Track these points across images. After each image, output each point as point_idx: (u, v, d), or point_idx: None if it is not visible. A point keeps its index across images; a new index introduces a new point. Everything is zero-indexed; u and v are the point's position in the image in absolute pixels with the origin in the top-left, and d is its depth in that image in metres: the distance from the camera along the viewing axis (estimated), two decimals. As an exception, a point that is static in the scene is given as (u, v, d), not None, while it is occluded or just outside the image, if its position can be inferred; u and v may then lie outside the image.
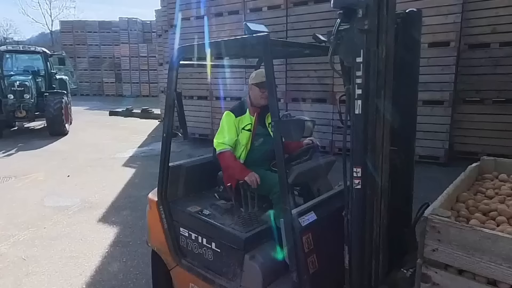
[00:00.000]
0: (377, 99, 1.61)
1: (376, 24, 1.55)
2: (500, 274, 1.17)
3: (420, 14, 2.04)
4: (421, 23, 2.09)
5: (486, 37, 5.83)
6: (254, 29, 1.83)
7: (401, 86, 1.84)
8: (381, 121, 1.62)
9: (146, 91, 23.39)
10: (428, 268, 1.32)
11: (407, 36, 1.94)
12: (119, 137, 9.23)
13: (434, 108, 5.87)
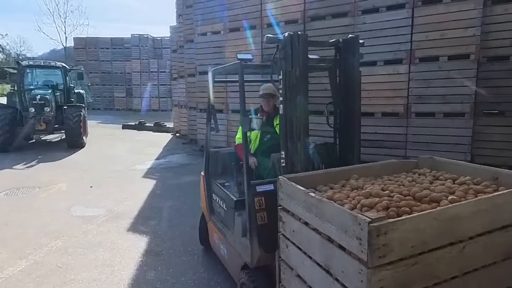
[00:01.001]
0: (292, 104, 2.37)
1: (290, 54, 2.36)
2: (327, 231, 1.55)
3: (357, 39, 2.73)
4: (358, 46, 2.75)
5: (505, 50, 5.88)
6: (240, 57, 2.65)
7: (345, 97, 2.67)
8: (296, 119, 2.38)
9: (156, 105, 23.70)
10: (282, 212, 1.91)
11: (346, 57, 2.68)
12: (135, 150, 9.32)
13: (455, 120, 5.88)
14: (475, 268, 1.56)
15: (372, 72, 6.49)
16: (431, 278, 1.46)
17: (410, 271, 1.40)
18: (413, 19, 6.06)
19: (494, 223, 1.57)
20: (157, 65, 23.39)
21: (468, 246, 1.52)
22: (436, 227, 1.44)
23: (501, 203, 1.58)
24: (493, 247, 1.60)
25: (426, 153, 6.07)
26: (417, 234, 1.40)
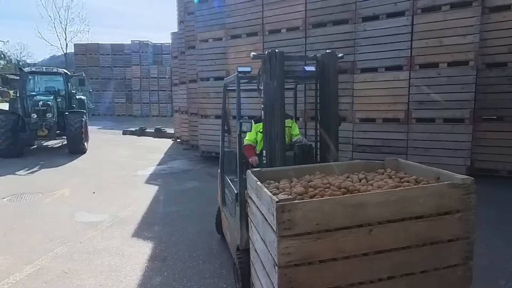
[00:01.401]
0: (270, 110, 2.81)
1: (269, 68, 2.77)
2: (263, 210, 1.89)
3: (334, 54, 3.08)
4: (335, 60, 3.10)
5: (503, 56, 5.98)
6: (240, 70, 2.93)
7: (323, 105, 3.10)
8: (274, 123, 2.81)
9: (155, 111, 23.76)
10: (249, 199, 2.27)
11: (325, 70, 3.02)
12: (137, 155, 9.35)
13: (455, 126, 5.95)
14: (386, 249, 1.81)
15: (373, 78, 6.58)
16: (338, 252, 1.76)
17: (315, 243, 1.73)
18: (412, 26, 6.16)
19: (404, 213, 1.81)
20: (157, 71, 23.50)
21: (376, 230, 1.79)
22: (340, 211, 1.74)
23: (410, 196, 1.81)
24: (405, 234, 1.82)
25: (426, 158, 6.16)
26: (321, 214, 1.72)
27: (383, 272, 1.83)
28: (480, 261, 3.17)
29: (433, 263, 1.88)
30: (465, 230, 1.89)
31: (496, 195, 5.24)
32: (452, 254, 1.90)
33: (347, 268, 1.79)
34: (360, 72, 6.68)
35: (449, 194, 1.84)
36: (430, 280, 1.89)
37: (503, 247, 3.46)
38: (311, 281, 1.76)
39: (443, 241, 1.88)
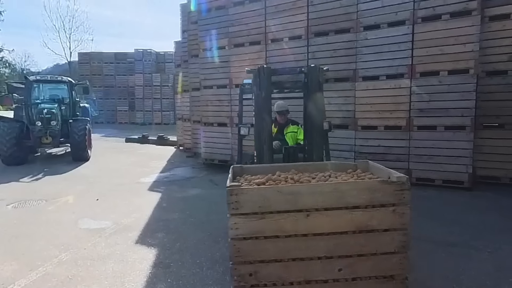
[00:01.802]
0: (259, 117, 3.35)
1: (258, 81, 3.34)
2: None
3: (318, 67, 3.60)
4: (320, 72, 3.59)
5: (503, 64, 6.04)
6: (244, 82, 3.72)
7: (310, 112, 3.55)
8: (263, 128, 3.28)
9: (158, 119, 23.88)
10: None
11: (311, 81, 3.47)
12: (140, 163, 9.40)
13: (456, 133, 5.98)
14: (324, 233, 2.15)
15: (375, 86, 6.64)
16: (279, 231, 2.16)
17: (260, 222, 2.15)
18: (413, 35, 6.24)
19: (339, 203, 2.14)
20: (160, 79, 23.70)
21: (313, 215, 2.14)
22: (281, 198, 2.14)
23: (345, 189, 2.16)
24: (341, 221, 2.15)
25: (429, 166, 6.17)
26: (263, 199, 2.14)
27: (320, 252, 2.17)
28: (484, 267, 3.19)
29: (369, 248, 2.16)
30: (400, 222, 2.15)
31: (499, 202, 5.25)
32: (388, 243, 2.16)
33: (288, 245, 2.16)
34: (362, 80, 6.75)
35: (382, 189, 2.14)
36: (367, 264, 2.16)
37: (506, 254, 3.46)
38: (256, 253, 2.17)
39: (379, 230, 2.15)
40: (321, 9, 7.11)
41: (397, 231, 2.15)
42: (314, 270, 2.18)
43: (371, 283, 2.19)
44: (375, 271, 2.17)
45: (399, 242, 2.15)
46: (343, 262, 2.16)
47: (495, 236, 3.91)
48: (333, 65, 7.00)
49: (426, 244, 3.75)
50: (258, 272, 2.17)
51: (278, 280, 2.17)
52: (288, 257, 2.17)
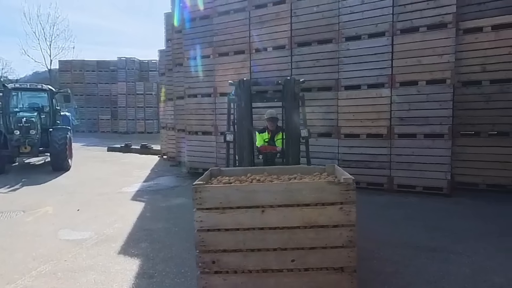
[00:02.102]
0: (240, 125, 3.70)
1: (239, 93, 3.71)
2: None
3: (294, 79, 3.90)
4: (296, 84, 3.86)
5: (477, 75, 6.29)
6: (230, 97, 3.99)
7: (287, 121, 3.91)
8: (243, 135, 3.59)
9: (141, 127, 23.61)
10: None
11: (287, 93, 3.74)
12: (122, 172, 9.25)
13: (435, 141, 6.16)
14: (279, 227, 2.39)
15: (357, 95, 6.79)
16: (238, 224, 2.41)
17: (221, 216, 2.42)
18: (393, 46, 6.44)
19: (291, 201, 2.37)
20: (143, 88, 23.48)
21: (267, 211, 2.39)
22: (239, 195, 2.41)
23: (295, 188, 2.40)
24: (293, 217, 2.37)
25: (409, 173, 6.31)
26: (224, 196, 2.42)
27: (275, 244, 2.40)
28: (463, 271, 3.29)
29: (319, 242, 2.36)
30: (347, 219, 2.35)
31: (476, 208, 5.41)
32: (337, 238, 2.36)
33: (246, 237, 2.40)
34: (344, 89, 6.89)
35: (329, 189, 2.35)
36: (317, 256, 2.36)
37: (484, 258, 3.57)
38: (218, 243, 2.45)
39: (328, 226, 2.36)
40: (304, 20, 7.26)
41: (345, 227, 2.36)
42: (270, 260, 2.39)
43: (322, 274, 2.36)
44: (326, 263, 2.36)
45: (346, 238, 2.35)
46: (296, 254, 2.37)
47: (473, 241, 4.03)
48: (316, 75, 7.18)
49: (409, 250, 3.83)
50: (220, 260, 2.44)
51: (238, 268, 2.41)
52: (246, 248, 2.40)
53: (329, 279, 2.35)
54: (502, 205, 5.46)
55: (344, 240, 2.35)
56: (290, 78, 3.61)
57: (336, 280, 2.34)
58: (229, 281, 2.42)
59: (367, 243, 4.08)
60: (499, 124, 6.17)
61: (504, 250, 3.74)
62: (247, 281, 2.40)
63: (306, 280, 2.37)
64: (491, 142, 6.26)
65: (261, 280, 2.39)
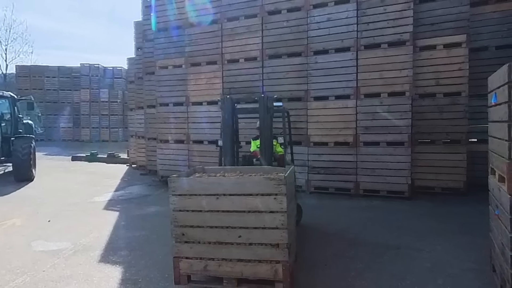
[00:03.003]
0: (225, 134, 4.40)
1: (224, 107, 4.38)
2: None
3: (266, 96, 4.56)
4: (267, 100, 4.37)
5: (432, 88, 6.92)
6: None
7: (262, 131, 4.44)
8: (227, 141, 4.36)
9: (106, 136, 22.95)
10: None
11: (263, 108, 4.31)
12: (91, 182, 9.05)
13: (396, 149, 6.68)
14: (229, 210, 2.99)
15: (325, 105, 7.20)
16: (200, 207, 3.06)
17: (187, 200, 3.09)
18: (357, 60, 6.94)
19: (239, 191, 2.98)
20: (108, 95, 22.90)
21: (221, 198, 3.01)
22: (200, 186, 3.09)
23: (240, 182, 3.03)
24: (240, 203, 2.97)
25: (374, 178, 6.77)
26: (190, 186, 3.11)
27: (226, 223, 3.01)
28: (424, 265, 3.66)
29: (259, 224, 2.94)
30: (280, 207, 2.89)
31: (433, 209, 5.93)
32: (272, 221, 2.91)
33: (205, 217, 3.05)
34: (313, 100, 7.29)
35: (265, 183, 2.93)
36: (258, 234, 2.94)
37: (442, 253, 3.98)
38: (186, 221, 3.11)
39: (266, 212, 2.92)
40: (274, 34, 7.61)
41: (278, 213, 2.90)
42: (223, 235, 3.02)
43: (262, 248, 2.95)
44: (264, 240, 2.94)
45: (279, 221, 2.90)
46: (242, 231, 2.98)
47: (432, 238, 4.46)
48: (287, 86, 7.53)
49: (377, 248, 4.17)
50: (187, 233, 3.10)
51: (200, 239, 3.08)
52: (206, 225, 3.06)
53: (267, 252, 2.94)
54: (455, 206, 6.03)
55: (277, 223, 2.90)
56: (264, 95, 4.37)
57: (272, 253, 2.93)
58: (194, 249, 3.10)
59: (339, 243, 4.41)
60: (451, 133, 6.81)
61: (458, 245, 4.18)
62: (206, 250, 3.07)
63: (250, 252, 2.97)
64: (445, 149, 6.88)
65: (217, 250, 3.04)
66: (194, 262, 3.09)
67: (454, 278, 3.35)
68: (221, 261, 3.03)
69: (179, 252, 3.13)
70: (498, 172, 2.92)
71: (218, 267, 3.03)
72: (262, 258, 2.94)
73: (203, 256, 3.07)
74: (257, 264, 2.95)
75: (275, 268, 2.90)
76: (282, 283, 2.89)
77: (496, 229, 3.08)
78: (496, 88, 2.95)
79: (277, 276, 2.90)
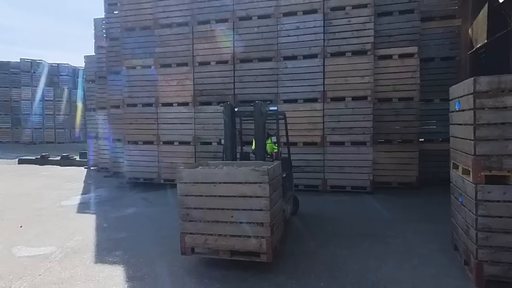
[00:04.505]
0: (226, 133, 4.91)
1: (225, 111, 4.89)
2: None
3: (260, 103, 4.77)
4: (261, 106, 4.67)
5: (389, 93, 7.71)
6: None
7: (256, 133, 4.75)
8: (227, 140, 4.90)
9: (51, 137, 21.57)
10: None
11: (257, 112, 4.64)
12: (51, 185, 8.61)
13: (359, 148, 7.35)
14: (224, 195, 3.59)
15: (294, 108, 7.65)
16: (200, 192, 3.66)
17: (191, 187, 3.69)
18: (324, 66, 7.50)
19: (232, 179, 3.57)
20: (53, 94, 21.53)
21: (217, 186, 3.61)
22: (201, 175, 3.69)
23: (233, 173, 3.60)
24: (232, 190, 3.56)
25: (340, 175, 7.34)
26: (194, 175, 3.72)
27: (222, 206, 3.60)
28: (398, 248, 4.22)
29: (247, 206, 3.53)
30: (264, 193, 3.47)
31: (394, 202, 6.64)
32: (257, 204, 3.50)
33: (205, 201, 3.65)
34: (283, 103, 7.71)
35: (251, 174, 3.51)
36: (248, 214, 3.53)
37: (411, 238, 4.59)
38: (189, 203, 3.69)
39: (253, 196, 3.50)
40: (246, 39, 7.92)
41: (263, 198, 3.48)
42: (219, 215, 3.62)
43: (251, 226, 3.53)
44: (252, 219, 3.53)
45: (263, 204, 3.48)
46: (234, 212, 3.57)
47: (400, 227, 5.08)
48: (258, 89, 7.87)
49: (355, 237, 4.68)
50: (190, 214, 3.70)
51: (201, 218, 3.67)
52: (205, 207, 3.66)
53: (254, 229, 3.53)
54: (411, 198, 6.82)
55: (262, 206, 3.49)
56: (258, 102, 4.69)
57: (258, 230, 3.52)
58: (196, 226, 3.70)
59: (320, 234, 4.84)
60: (405, 133, 7.66)
61: (422, 231, 4.83)
62: (205, 227, 3.66)
63: (240, 229, 3.56)
64: (399, 148, 7.72)
65: (214, 227, 3.64)
66: (196, 237, 3.71)
67: (426, 257, 3.94)
68: (217, 236, 3.63)
69: (185, 228, 3.74)
70: (462, 166, 3.54)
71: (215, 241, 3.65)
72: (250, 234, 3.54)
73: (203, 232, 3.68)
74: (246, 239, 3.55)
75: (260, 243, 3.51)
76: (266, 255, 3.52)
77: (459, 213, 3.71)
78: (459, 97, 3.57)
79: (261, 249, 3.52)
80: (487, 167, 3.10)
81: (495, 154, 3.08)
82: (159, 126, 8.52)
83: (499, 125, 3.04)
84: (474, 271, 3.20)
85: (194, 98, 8.25)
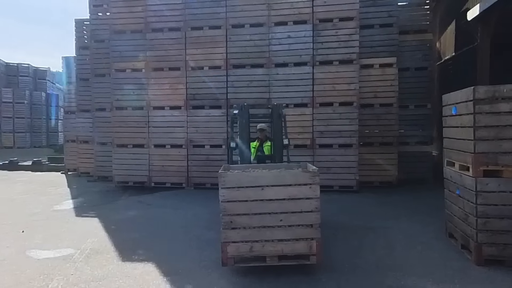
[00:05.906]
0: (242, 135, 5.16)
1: (241, 113, 5.11)
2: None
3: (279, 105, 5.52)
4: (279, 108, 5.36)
5: (371, 100, 8.38)
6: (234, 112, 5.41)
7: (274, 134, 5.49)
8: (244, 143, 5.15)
9: (9, 142, 20.35)
10: None
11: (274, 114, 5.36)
12: (35, 191, 8.31)
13: (346, 150, 7.91)
14: (272, 199, 3.56)
15: (286, 113, 8.00)
16: (247, 197, 3.57)
17: (236, 192, 3.57)
18: (313, 74, 8.00)
19: (280, 182, 3.57)
20: (12, 95, 20.34)
21: (266, 189, 3.57)
22: (247, 179, 3.59)
23: (281, 175, 3.62)
24: (281, 192, 3.56)
25: (329, 175, 7.81)
26: (239, 179, 3.59)
27: (269, 210, 3.56)
28: (398, 237, 4.73)
29: (297, 208, 3.56)
30: (314, 194, 3.54)
31: (377, 199, 7.22)
32: (308, 206, 3.55)
33: (251, 206, 3.56)
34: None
35: (302, 175, 3.58)
36: (297, 217, 3.56)
37: (407, 229, 5.12)
38: (234, 209, 3.57)
39: (303, 198, 3.55)
40: (238, 46, 8.23)
41: (313, 199, 3.55)
42: (266, 220, 3.56)
43: (299, 228, 3.57)
44: (301, 222, 3.56)
45: (314, 206, 3.55)
46: (283, 216, 3.54)
47: (394, 220, 5.63)
48: (250, 94, 8.20)
49: (359, 229, 5.14)
50: (234, 221, 3.57)
51: (246, 225, 3.57)
52: (251, 212, 3.56)
53: (304, 231, 3.56)
54: (395, 196, 7.46)
55: (312, 208, 3.55)
56: (277, 104, 4.94)
57: (308, 232, 3.57)
58: (240, 234, 3.57)
59: (326, 228, 5.23)
60: (386, 136, 8.35)
61: (415, 223, 5.39)
62: (251, 233, 3.57)
63: (290, 233, 3.56)
64: (381, 150, 8.40)
65: (261, 233, 3.57)
66: (241, 245, 3.57)
67: (426, 244, 4.47)
68: (264, 242, 3.56)
69: (227, 237, 3.58)
70: (459, 163, 4.11)
71: (262, 247, 3.56)
72: (300, 236, 3.56)
73: (249, 239, 3.56)
74: (295, 242, 3.56)
75: (310, 244, 3.56)
76: (315, 256, 3.57)
77: (456, 205, 4.28)
78: (456, 103, 4.15)
79: (311, 251, 3.56)
80: (485, 162, 3.68)
81: (491, 151, 3.66)
82: (150, 130, 8.54)
83: (494, 127, 3.63)
84: (475, 252, 3.75)
85: (186, 101, 8.39)
